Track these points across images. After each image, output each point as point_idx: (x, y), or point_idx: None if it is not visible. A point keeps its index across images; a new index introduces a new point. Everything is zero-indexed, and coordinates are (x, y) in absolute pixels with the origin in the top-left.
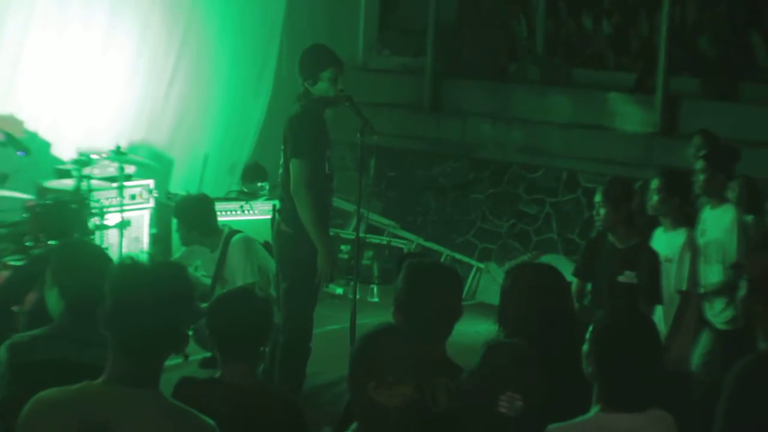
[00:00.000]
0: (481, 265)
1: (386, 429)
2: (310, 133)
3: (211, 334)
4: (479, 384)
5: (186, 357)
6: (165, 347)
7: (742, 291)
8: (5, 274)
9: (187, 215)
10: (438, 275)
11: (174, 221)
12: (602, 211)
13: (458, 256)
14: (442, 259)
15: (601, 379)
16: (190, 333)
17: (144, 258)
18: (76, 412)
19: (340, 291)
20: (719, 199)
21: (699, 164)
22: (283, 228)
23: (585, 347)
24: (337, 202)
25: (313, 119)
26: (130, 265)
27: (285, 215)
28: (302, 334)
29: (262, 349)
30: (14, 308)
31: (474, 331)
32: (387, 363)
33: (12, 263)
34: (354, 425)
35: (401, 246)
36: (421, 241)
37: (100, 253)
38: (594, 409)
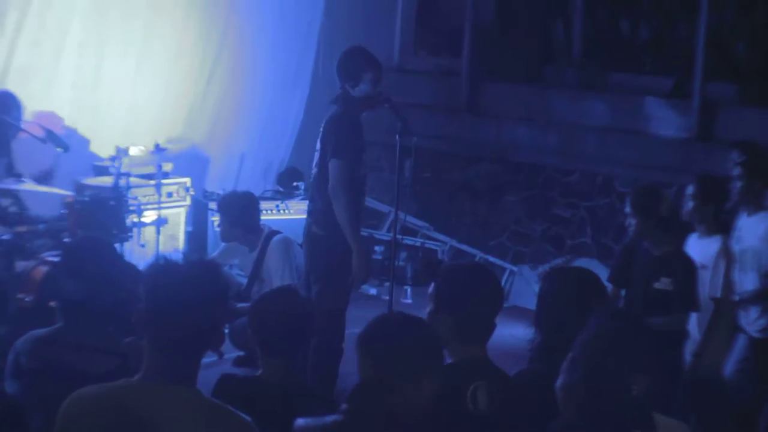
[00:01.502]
0: (515, 268)
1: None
2: (349, 135)
3: (253, 332)
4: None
5: (221, 355)
6: (201, 346)
7: None
8: (44, 269)
9: (232, 211)
10: (479, 276)
11: (210, 220)
12: (633, 221)
13: (491, 258)
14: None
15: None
16: (225, 331)
17: (178, 257)
18: (114, 408)
19: (373, 291)
20: (756, 206)
21: (737, 171)
22: (315, 230)
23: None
24: (371, 203)
25: (353, 121)
26: (163, 264)
27: (316, 217)
28: (335, 336)
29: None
30: (52, 304)
31: (508, 334)
32: (414, 356)
33: (50, 259)
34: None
35: (435, 248)
36: (455, 243)
37: (103, 255)
38: None
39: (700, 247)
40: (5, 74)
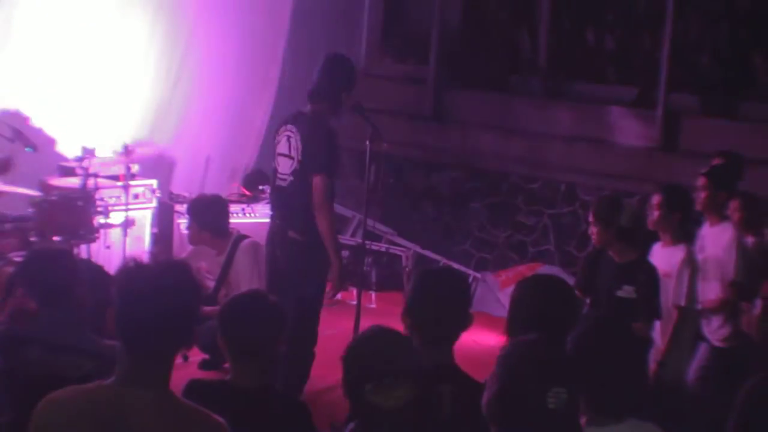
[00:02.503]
0: (478, 275)
1: (382, 429)
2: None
3: (222, 336)
4: (524, 380)
5: (186, 358)
6: (173, 347)
7: (755, 309)
8: (10, 270)
9: (202, 215)
10: (446, 281)
11: (175, 222)
12: (595, 230)
13: (455, 265)
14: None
15: (585, 388)
16: None
17: (147, 259)
18: (87, 412)
19: (337, 297)
20: (719, 216)
21: (700, 181)
22: (293, 236)
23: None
24: (336, 208)
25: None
26: (134, 267)
27: (295, 223)
28: (309, 340)
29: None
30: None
31: (471, 339)
32: (384, 365)
33: (17, 259)
34: (352, 425)
35: (399, 253)
36: (419, 249)
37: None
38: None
39: (664, 256)
40: None
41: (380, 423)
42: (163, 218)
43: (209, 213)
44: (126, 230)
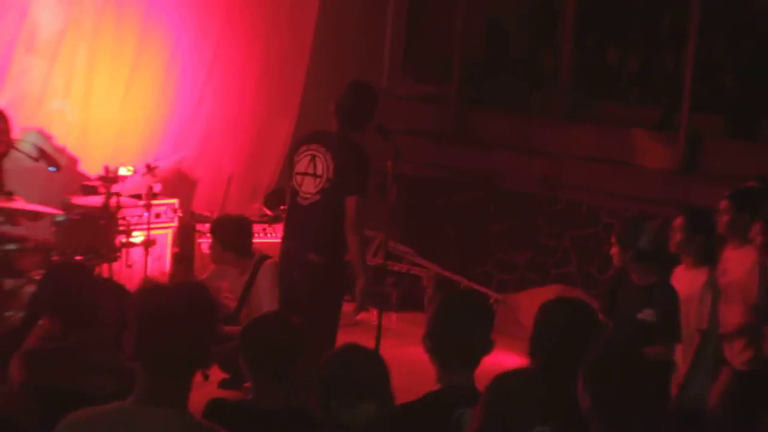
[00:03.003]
0: (499, 297)
1: None
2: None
3: (244, 356)
4: (504, 416)
5: (206, 377)
6: (191, 367)
7: None
8: (32, 288)
9: (225, 235)
10: (469, 305)
11: (197, 241)
12: (615, 251)
13: (476, 286)
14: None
15: (598, 414)
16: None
17: (164, 279)
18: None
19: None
20: (742, 239)
21: (722, 204)
22: (312, 257)
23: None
24: None
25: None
26: (151, 288)
27: (316, 244)
28: None
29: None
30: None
31: (492, 362)
32: (348, 382)
33: (38, 277)
34: None
35: (420, 274)
36: (439, 270)
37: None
38: None
39: (686, 279)
40: None
41: None
42: (185, 238)
43: (233, 233)
44: (147, 249)
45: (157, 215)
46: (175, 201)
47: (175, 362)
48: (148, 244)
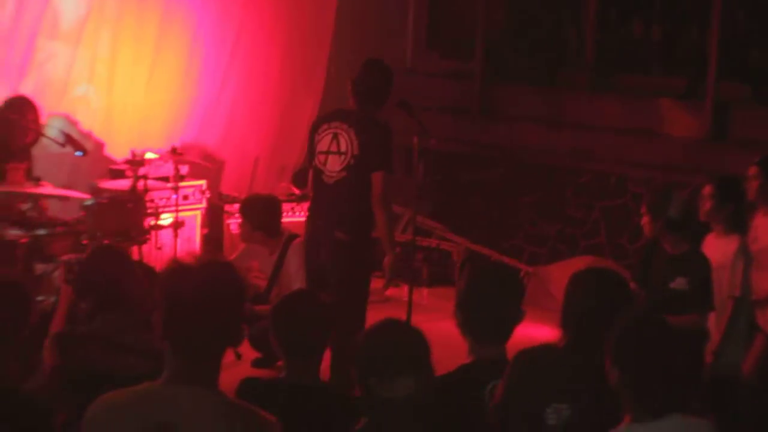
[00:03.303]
0: (530, 269)
1: (392, 422)
2: (392, 145)
3: (275, 334)
4: (519, 389)
5: (239, 356)
6: (220, 345)
7: None
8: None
9: (255, 214)
10: (498, 277)
11: (225, 222)
12: (645, 221)
13: (506, 259)
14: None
15: (625, 386)
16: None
17: (191, 259)
18: (138, 413)
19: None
20: None
21: (751, 170)
22: (339, 235)
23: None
24: None
25: (390, 130)
26: (178, 267)
27: (343, 222)
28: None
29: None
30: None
31: (524, 335)
32: (386, 357)
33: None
34: (363, 422)
35: (450, 249)
36: (469, 245)
37: (123, 256)
38: (624, 422)
39: (718, 247)
40: (20, 79)
41: (388, 416)
42: (213, 219)
43: (262, 212)
44: (176, 231)
45: (185, 197)
46: (202, 183)
47: (204, 341)
48: (176, 225)
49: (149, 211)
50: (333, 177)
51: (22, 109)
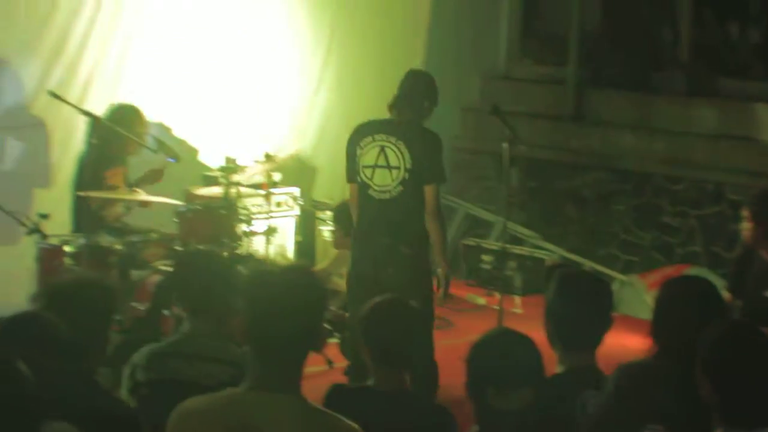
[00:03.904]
0: (624, 278)
1: None
2: (442, 155)
3: (365, 341)
4: (618, 407)
5: (330, 364)
6: (302, 351)
7: None
8: (156, 278)
9: (348, 221)
10: (587, 284)
11: (318, 229)
12: (746, 226)
13: (600, 268)
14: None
15: (717, 398)
16: (337, 341)
17: (273, 265)
18: (220, 419)
19: (482, 302)
20: None
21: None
22: (403, 250)
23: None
24: (478, 212)
25: (441, 140)
26: (260, 273)
27: (405, 236)
28: (430, 350)
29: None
30: (165, 312)
31: (618, 344)
32: (504, 369)
33: (162, 267)
34: (475, 428)
35: (543, 257)
36: (563, 253)
37: (221, 263)
38: None
39: None
40: (117, 86)
41: (501, 426)
42: (306, 226)
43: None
44: (269, 238)
45: (278, 204)
46: (295, 189)
47: (285, 347)
48: (269, 232)
49: (242, 217)
50: (386, 192)
51: (130, 120)
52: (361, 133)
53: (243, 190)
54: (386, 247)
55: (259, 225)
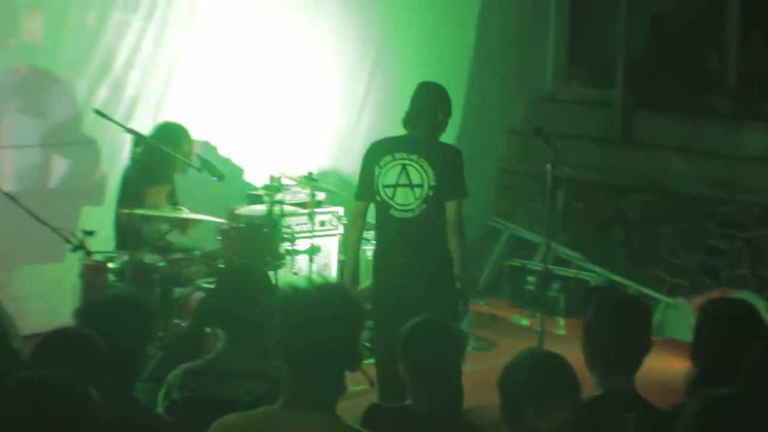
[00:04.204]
0: (670, 301)
1: None
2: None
3: (405, 360)
4: None
5: (372, 384)
6: (337, 368)
7: None
8: (199, 295)
9: None
10: (626, 307)
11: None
12: None
13: (646, 290)
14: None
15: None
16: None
17: (305, 283)
18: None
19: (525, 323)
20: None
21: None
22: (429, 267)
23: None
24: (523, 233)
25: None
26: (293, 291)
27: (433, 254)
28: None
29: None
30: (207, 329)
31: (662, 367)
32: (541, 389)
33: (205, 285)
34: None
35: (588, 279)
36: (609, 275)
37: (262, 279)
38: None
39: None
40: (162, 104)
41: None
42: None
43: None
44: (312, 257)
45: (322, 223)
46: (339, 209)
47: (320, 365)
48: (312, 251)
49: (285, 236)
50: (408, 211)
51: (176, 138)
52: (379, 151)
53: (286, 208)
54: (411, 265)
55: (302, 244)
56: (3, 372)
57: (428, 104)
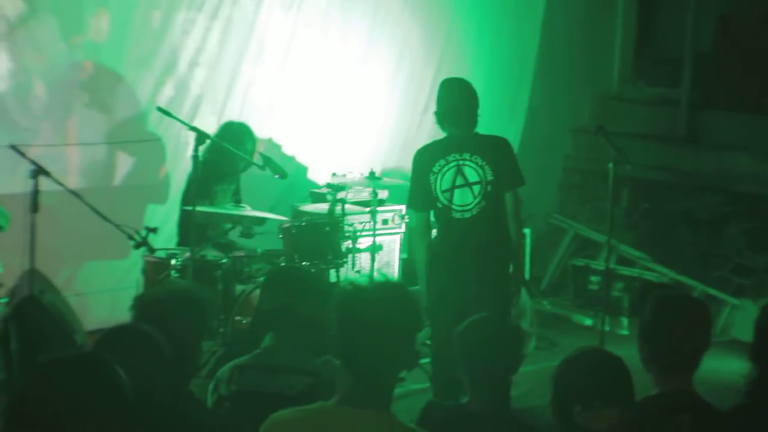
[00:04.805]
0: (737, 302)
1: None
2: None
3: (462, 359)
4: None
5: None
6: (394, 368)
7: None
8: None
9: None
10: (684, 306)
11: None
12: None
13: (712, 291)
14: (695, 294)
15: None
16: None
17: (366, 280)
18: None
19: (588, 322)
20: None
21: None
22: (492, 265)
23: None
24: (588, 233)
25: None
26: (352, 289)
27: (492, 251)
28: None
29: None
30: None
31: (727, 369)
32: (593, 386)
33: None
34: None
35: (652, 279)
36: (674, 275)
37: (308, 278)
38: None
39: None
40: (226, 102)
41: None
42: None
43: None
44: (374, 255)
45: (384, 221)
46: (402, 207)
47: (377, 363)
48: (374, 249)
49: (347, 234)
50: (468, 210)
51: (240, 137)
52: (429, 158)
53: (349, 207)
54: (475, 264)
55: (364, 242)
56: None
57: (465, 102)
